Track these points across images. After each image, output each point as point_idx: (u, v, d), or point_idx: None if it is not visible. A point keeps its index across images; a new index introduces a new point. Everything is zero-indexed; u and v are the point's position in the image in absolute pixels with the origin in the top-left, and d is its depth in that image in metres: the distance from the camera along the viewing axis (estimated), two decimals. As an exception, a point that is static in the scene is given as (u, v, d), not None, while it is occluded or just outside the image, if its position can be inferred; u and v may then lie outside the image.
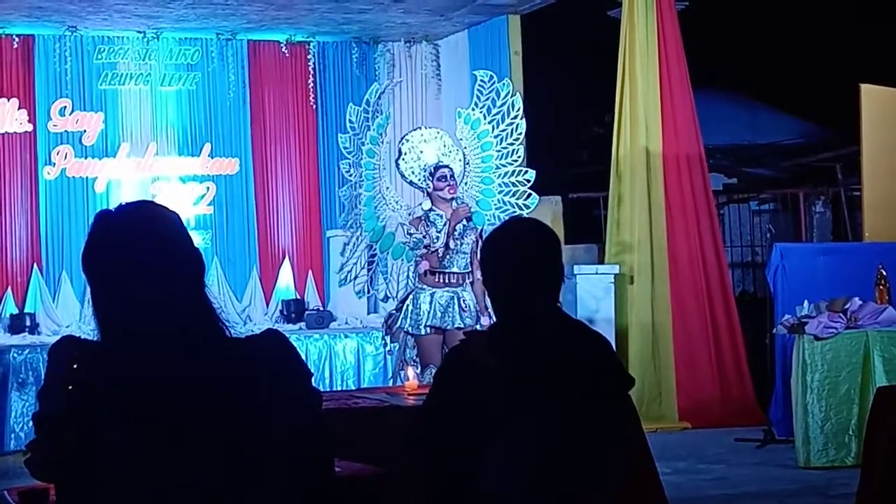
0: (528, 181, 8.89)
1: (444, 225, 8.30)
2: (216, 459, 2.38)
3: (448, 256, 8.30)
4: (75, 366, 2.39)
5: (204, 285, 2.49)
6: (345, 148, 8.89)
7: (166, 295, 2.42)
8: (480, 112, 8.92)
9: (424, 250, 8.32)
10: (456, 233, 8.32)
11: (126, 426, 2.36)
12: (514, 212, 8.74)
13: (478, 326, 8.13)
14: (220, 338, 2.47)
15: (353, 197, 8.80)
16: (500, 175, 8.86)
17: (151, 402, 2.37)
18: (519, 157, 8.92)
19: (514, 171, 8.90)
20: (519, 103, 8.99)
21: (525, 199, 8.89)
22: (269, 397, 2.43)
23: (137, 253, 2.42)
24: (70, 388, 2.37)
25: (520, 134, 8.91)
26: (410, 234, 8.35)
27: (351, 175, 8.80)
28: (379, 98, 8.95)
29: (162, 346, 2.41)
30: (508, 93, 8.97)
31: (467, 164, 8.80)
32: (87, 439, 2.35)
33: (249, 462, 2.41)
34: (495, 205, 8.82)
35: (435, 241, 8.27)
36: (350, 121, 8.88)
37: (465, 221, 8.36)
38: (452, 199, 8.40)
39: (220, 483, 2.39)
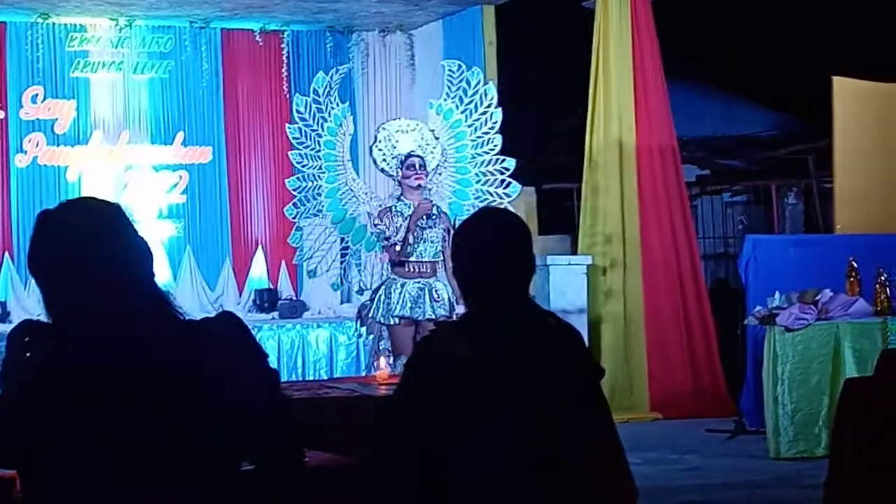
0: (508, 170, 8.90)
1: (407, 219, 8.30)
2: (173, 439, 2.39)
3: (409, 248, 8.31)
4: (29, 350, 2.40)
5: (152, 274, 2.50)
6: (295, 138, 8.83)
7: (111, 288, 2.43)
8: (452, 102, 8.93)
9: (386, 242, 8.35)
10: (417, 228, 8.32)
11: (79, 409, 2.36)
12: (495, 201, 8.77)
13: (454, 316, 8.14)
14: (172, 321, 2.48)
15: (309, 188, 8.75)
16: (476, 165, 8.87)
17: (104, 385, 2.38)
18: (495, 146, 8.92)
19: (491, 160, 8.91)
20: (492, 91, 9.01)
21: (505, 188, 8.90)
22: (224, 374, 2.44)
23: (77, 250, 2.44)
24: (24, 372, 2.38)
25: (495, 122, 8.92)
26: (375, 226, 8.38)
27: (305, 166, 8.76)
28: (329, 87, 8.87)
29: (113, 329, 2.41)
30: (479, 81, 8.99)
31: (445, 158, 8.80)
32: (42, 423, 2.36)
33: (204, 441, 2.41)
34: (473, 195, 8.83)
35: (394, 234, 8.29)
36: (298, 111, 8.83)
37: (424, 218, 8.37)
38: (419, 187, 8.41)
39: (178, 462, 2.39)
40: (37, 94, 11.86)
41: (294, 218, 8.86)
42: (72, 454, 2.36)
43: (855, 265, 8.99)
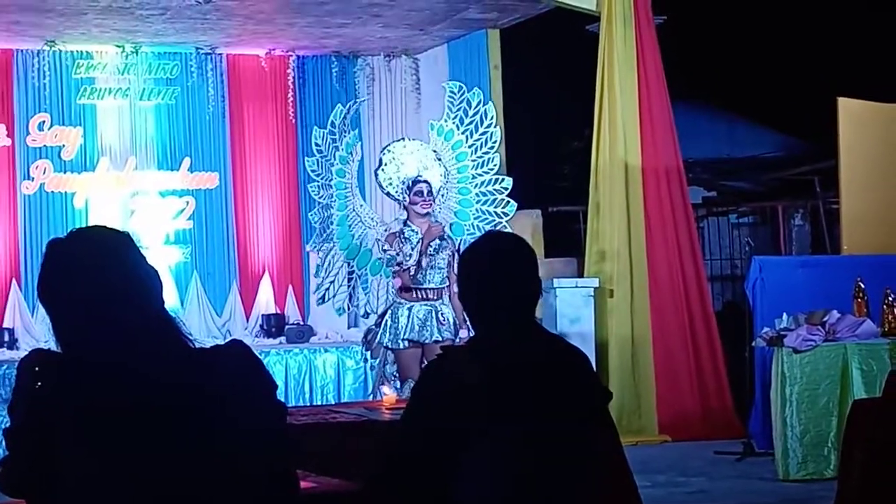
0: (506, 189, 8.97)
1: (418, 243, 8.33)
2: (177, 467, 2.39)
3: (420, 274, 8.33)
4: (39, 379, 2.41)
5: (161, 302, 2.50)
6: (312, 171, 8.93)
7: (119, 318, 2.44)
8: (453, 123, 8.99)
9: (397, 267, 8.37)
10: (430, 250, 8.35)
11: (89, 438, 2.37)
12: (494, 220, 8.84)
13: (457, 340, 8.16)
14: (180, 348, 2.48)
15: (325, 218, 8.84)
16: (476, 185, 8.94)
17: (113, 413, 2.38)
18: (495, 165, 9.00)
19: (491, 180, 8.97)
20: (492, 111, 9.11)
21: (503, 207, 8.97)
22: (232, 406, 2.44)
23: (85, 280, 2.45)
24: (34, 400, 2.39)
25: (494, 142, 8.99)
26: (384, 251, 8.40)
27: (321, 197, 8.85)
28: (345, 119, 8.99)
29: (122, 357, 2.42)
30: (480, 101, 9.06)
31: (447, 179, 8.87)
32: (51, 452, 2.36)
33: (210, 470, 2.41)
34: (473, 215, 8.92)
35: (407, 258, 8.30)
36: (316, 143, 8.94)
37: (438, 240, 8.41)
38: (427, 214, 8.45)
39: (186, 489, 2.39)
40: (43, 122, 11.91)
41: (316, 250, 8.98)
42: (81, 482, 2.36)
43: (862, 286, 8.97)
